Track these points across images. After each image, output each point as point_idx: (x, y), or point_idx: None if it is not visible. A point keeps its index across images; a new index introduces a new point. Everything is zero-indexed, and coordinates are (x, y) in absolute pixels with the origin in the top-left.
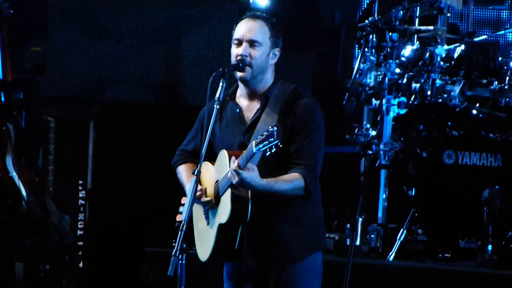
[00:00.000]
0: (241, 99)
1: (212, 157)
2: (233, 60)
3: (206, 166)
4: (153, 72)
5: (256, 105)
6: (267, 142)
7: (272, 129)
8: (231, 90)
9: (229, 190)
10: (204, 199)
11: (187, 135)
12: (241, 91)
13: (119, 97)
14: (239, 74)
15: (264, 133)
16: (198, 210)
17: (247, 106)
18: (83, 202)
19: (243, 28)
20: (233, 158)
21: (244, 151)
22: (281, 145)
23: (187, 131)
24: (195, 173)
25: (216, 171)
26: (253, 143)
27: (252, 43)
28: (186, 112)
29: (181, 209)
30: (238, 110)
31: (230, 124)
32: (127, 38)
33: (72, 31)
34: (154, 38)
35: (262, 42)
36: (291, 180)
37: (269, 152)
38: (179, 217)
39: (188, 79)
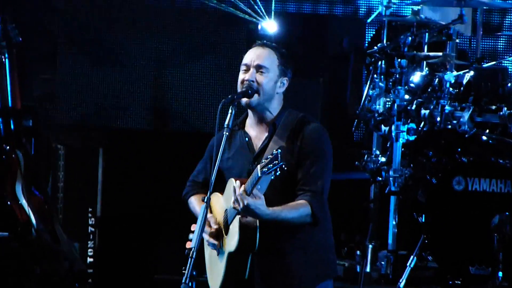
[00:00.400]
0: (250, 128)
1: (221, 187)
2: (239, 86)
3: (215, 197)
4: (162, 99)
5: (264, 133)
6: (271, 165)
7: (276, 151)
8: (240, 119)
9: (237, 219)
10: (210, 229)
11: (197, 165)
12: (250, 120)
13: (129, 124)
14: (244, 100)
15: (268, 157)
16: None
17: (255, 134)
18: (93, 229)
19: (251, 55)
20: (238, 183)
21: (250, 176)
22: (285, 167)
23: (196, 158)
24: (205, 200)
25: (225, 200)
26: (258, 167)
27: (259, 69)
28: (196, 139)
29: (191, 236)
30: (247, 138)
31: (239, 153)
32: (136, 66)
33: (80, 58)
34: (162, 65)
35: (270, 69)
36: (298, 207)
37: (273, 176)
38: (189, 244)
39: (197, 106)
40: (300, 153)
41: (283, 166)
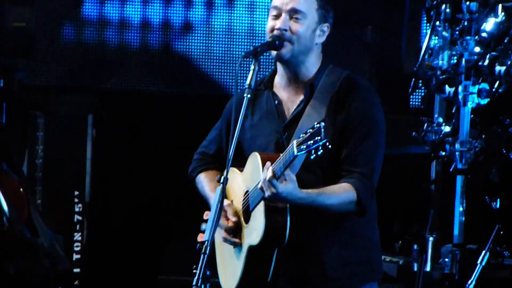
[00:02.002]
0: (280, 88)
1: (239, 162)
2: (267, 36)
3: (232, 173)
4: (165, 55)
5: (299, 96)
6: (312, 142)
7: (318, 125)
8: (267, 77)
9: (262, 204)
10: (227, 223)
11: (209, 134)
12: (279, 78)
13: (125, 85)
14: (275, 52)
15: (308, 131)
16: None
17: (287, 97)
18: (80, 218)
19: None
20: (267, 163)
21: (282, 154)
22: (330, 145)
23: (208, 127)
24: (221, 180)
25: (245, 180)
26: (294, 143)
27: (294, 14)
28: (208, 103)
29: (203, 226)
30: (276, 102)
31: (265, 120)
32: (133, 11)
33: (65, 4)
34: (163, 12)
35: (307, 14)
36: (340, 192)
37: (314, 155)
38: (201, 237)
39: (208, 62)
40: (346, 125)
41: (327, 144)
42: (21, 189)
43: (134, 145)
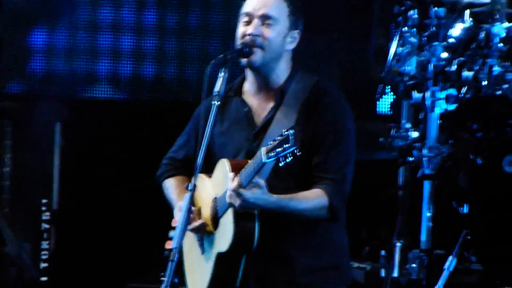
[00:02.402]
0: (250, 95)
1: (208, 168)
2: (238, 42)
3: (201, 180)
4: (133, 61)
5: (269, 103)
6: (281, 149)
7: (287, 132)
8: (236, 83)
9: (230, 210)
10: (196, 223)
11: (177, 139)
12: (249, 84)
13: (93, 93)
14: (245, 59)
15: (277, 138)
16: (190, 235)
17: (257, 104)
18: (47, 226)
19: (255, 1)
20: (231, 174)
21: (251, 161)
22: (298, 152)
23: (176, 134)
24: (190, 187)
25: (214, 186)
26: (263, 150)
27: (265, 20)
28: (177, 110)
29: (171, 233)
30: (246, 109)
31: (235, 127)
32: (101, 19)
33: (33, 9)
34: (132, 18)
35: (279, 20)
36: (312, 197)
37: (283, 162)
38: (169, 244)
39: (178, 69)
40: (316, 132)
41: (296, 151)
42: None
43: (101, 153)
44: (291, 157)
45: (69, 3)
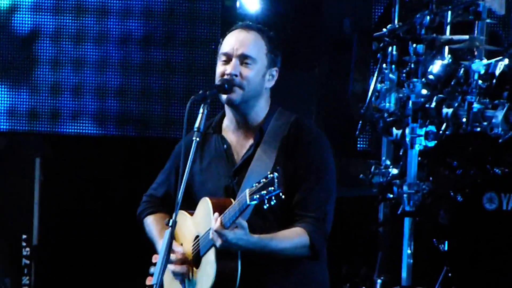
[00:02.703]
0: (229, 132)
1: (188, 205)
2: (217, 80)
3: (182, 216)
4: (114, 97)
5: (249, 140)
6: (265, 192)
7: (272, 175)
8: (215, 120)
9: (212, 249)
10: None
11: (157, 177)
12: (228, 121)
13: (73, 128)
14: (225, 96)
15: (262, 180)
16: (171, 273)
17: (237, 141)
18: (27, 262)
19: (233, 41)
20: (216, 214)
21: (234, 202)
22: (283, 196)
23: (157, 170)
24: (170, 223)
25: (196, 224)
26: (247, 192)
27: (244, 59)
28: (158, 146)
29: (152, 270)
30: (225, 146)
31: (215, 164)
32: (86, 53)
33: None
34: (113, 53)
35: (257, 59)
36: (293, 236)
37: (267, 205)
38: (149, 280)
39: (159, 105)
40: (296, 170)
41: (280, 194)
42: None
43: (82, 188)
44: (275, 201)
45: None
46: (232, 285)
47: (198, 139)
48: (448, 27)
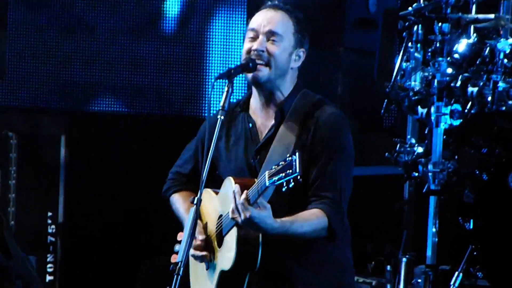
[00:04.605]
0: (255, 111)
1: (214, 182)
2: (243, 57)
3: (207, 195)
4: (139, 76)
5: (271, 120)
6: (283, 174)
7: (290, 158)
8: (243, 99)
9: (234, 230)
10: (199, 253)
11: (182, 153)
12: (254, 100)
13: (98, 106)
14: (250, 75)
15: (280, 163)
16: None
17: (261, 120)
18: (53, 239)
19: (261, 18)
20: (237, 187)
21: (255, 184)
22: (301, 179)
23: (181, 148)
24: (195, 201)
25: (221, 203)
26: (266, 174)
27: (271, 36)
28: (182, 124)
29: (177, 247)
30: (250, 124)
31: (240, 142)
32: (107, 34)
33: (38, 23)
34: (140, 35)
35: (284, 36)
36: (311, 219)
37: (285, 187)
38: (174, 258)
39: (184, 84)
40: (312, 148)
41: (298, 177)
42: None
43: (107, 165)
44: (293, 183)
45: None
46: (253, 266)
47: (222, 117)
48: (474, 6)
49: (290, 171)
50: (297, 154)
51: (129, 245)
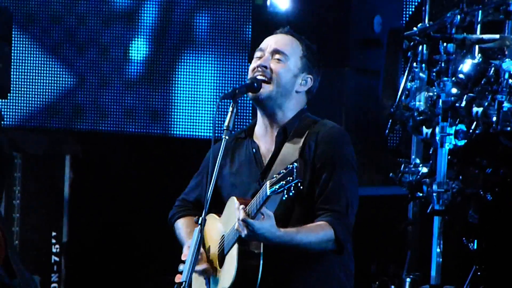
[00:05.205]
0: (259, 136)
1: (219, 209)
2: (249, 76)
3: (211, 219)
4: (144, 97)
5: (274, 141)
6: (284, 182)
7: (291, 165)
8: (248, 126)
9: (235, 246)
10: (200, 266)
11: (191, 181)
12: (258, 126)
13: (102, 126)
14: (252, 94)
15: (281, 172)
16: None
17: (264, 144)
18: (57, 259)
19: (270, 40)
20: (241, 206)
21: (257, 195)
22: (301, 186)
23: (186, 169)
24: (199, 221)
25: (223, 224)
26: (267, 183)
27: (276, 55)
28: (189, 145)
29: (181, 267)
30: (254, 150)
31: (244, 167)
32: (112, 55)
33: (43, 43)
34: (143, 54)
35: (290, 57)
36: (317, 230)
37: (286, 196)
38: (178, 278)
39: (190, 105)
40: (314, 163)
41: (299, 184)
42: None
43: (111, 185)
44: (294, 191)
45: None
46: (253, 283)
47: (227, 137)
48: (479, 26)
49: (290, 178)
50: (297, 161)
51: (133, 265)
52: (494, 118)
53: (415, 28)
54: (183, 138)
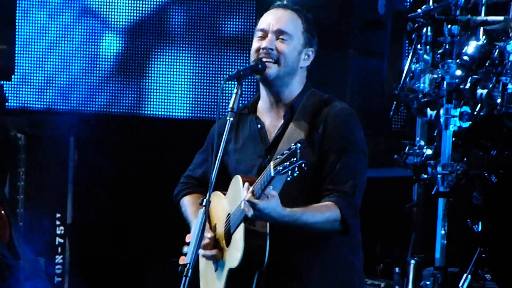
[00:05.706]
0: (263, 112)
1: (224, 186)
2: (253, 56)
3: (216, 197)
4: (148, 78)
5: (280, 119)
6: (288, 163)
7: (294, 146)
8: (251, 101)
9: (242, 226)
10: (208, 252)
11: (195, 157)
12: (262, 102)
13: (107, 107)
14: (260, 75)
15: (285, 152)
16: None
17: (270, 121)
18: (62, 240)
19: (270, 17)
20: (246, 185)
21: (261, 176)
22: (306, 167)
23: (190, 150)
24: (203, 203)
25: (229, 203)
26: (271, 164)
27: (280, 35)
28: (193, 126)
29: (185, 249)
30: (259, 125)
31: (249, 144)
32: (116, 34)
33: (47, 25)
34: (148, 35)
35: (293, 36)
36: (324, 210)
37: (290, 176)
38: (183, 260)
39: (193, 86)
40: (323, 143)
41: (303, 165)
42: (2, 212)
43: (115, 167)
44: (298, 171)
45: None
46: (261, 263)
47: (232, 119)
48: (483, 8)
49: (295, 159)
50: (301, 142)
51: (137, 247)
52: (499, 100)
53: (419, 10)
54: (186, 119)
